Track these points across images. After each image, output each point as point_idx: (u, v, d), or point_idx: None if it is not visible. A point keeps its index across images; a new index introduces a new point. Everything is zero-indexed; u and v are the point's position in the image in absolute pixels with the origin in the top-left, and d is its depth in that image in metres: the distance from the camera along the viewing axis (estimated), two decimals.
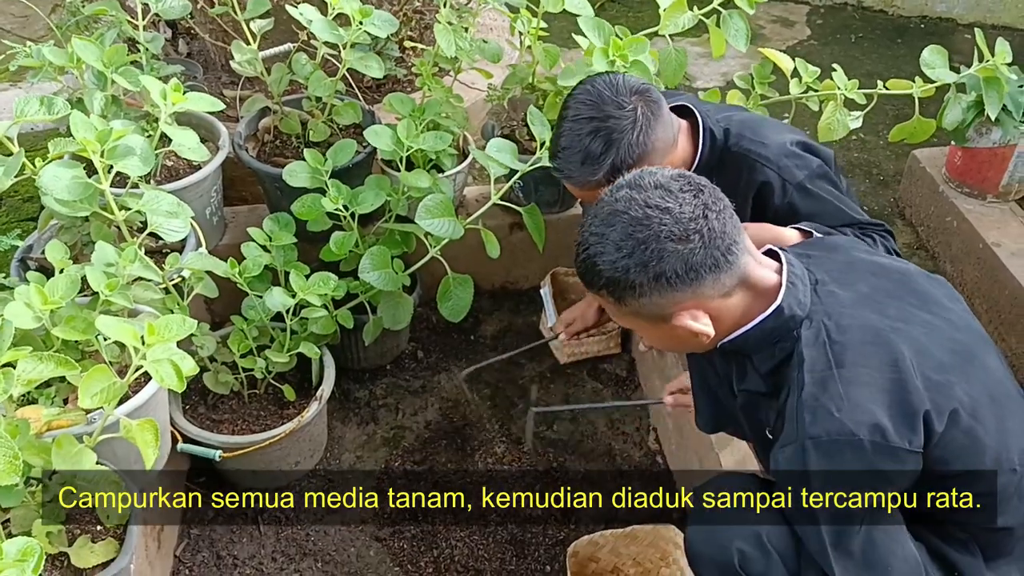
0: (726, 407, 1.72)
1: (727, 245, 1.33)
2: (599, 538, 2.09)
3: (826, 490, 1.29)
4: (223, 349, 2.19)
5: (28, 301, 1.63)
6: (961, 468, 1.34)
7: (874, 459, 1.26)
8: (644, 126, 1.75)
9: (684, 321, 1.36)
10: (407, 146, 2.26)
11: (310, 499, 2.28)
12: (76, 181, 1.78)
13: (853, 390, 1.29)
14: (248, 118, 2.57)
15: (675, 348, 1.51)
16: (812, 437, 1.28)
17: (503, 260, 2.41)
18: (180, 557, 2.14)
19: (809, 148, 1.95)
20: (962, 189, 2.86)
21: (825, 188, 1.91)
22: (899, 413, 1.28)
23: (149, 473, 1.87)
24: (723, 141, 1.92)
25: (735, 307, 1.39)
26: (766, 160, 1.89)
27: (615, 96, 1.77)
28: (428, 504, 2.26)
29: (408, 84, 3.10)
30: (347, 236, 2.28)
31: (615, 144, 1.75)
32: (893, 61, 4.15)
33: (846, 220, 1.90)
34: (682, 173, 1.39)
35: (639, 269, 1.32)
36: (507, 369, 2.66)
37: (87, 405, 1.44)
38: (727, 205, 1.37)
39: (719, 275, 1.34)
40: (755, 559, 1.45)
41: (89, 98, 2.08)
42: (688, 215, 1.31)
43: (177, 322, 1.53)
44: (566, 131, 1.80)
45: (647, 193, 1.34)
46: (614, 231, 1.33)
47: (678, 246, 1.31)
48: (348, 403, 2.54)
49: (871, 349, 1.33)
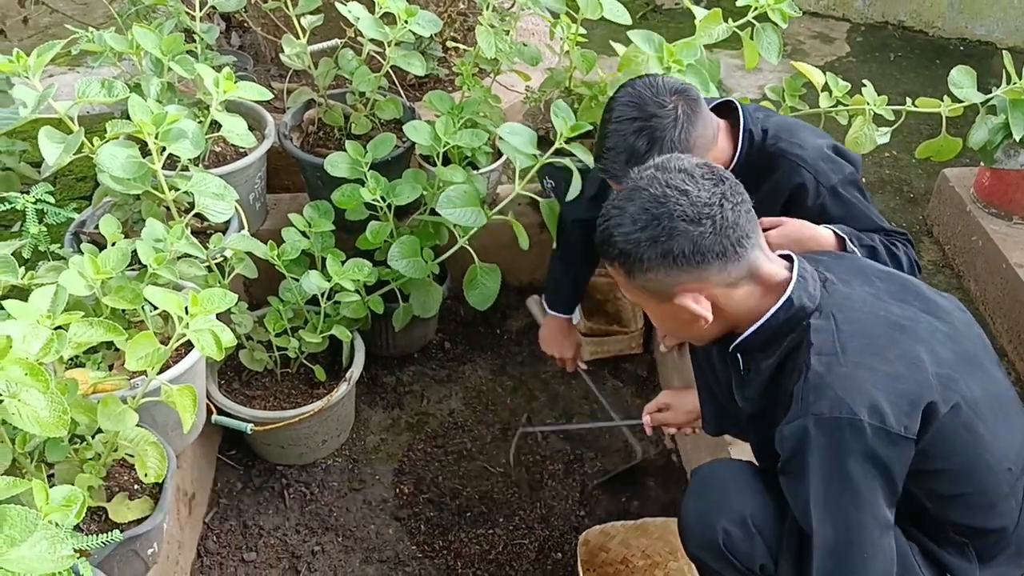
0: (728, 411, 1.78)
1: (738, 237, 1.39)
2: (610, 528, 2.16)
3: (823, 468, 1.33)
4: (259, 328, 2.30)
5: (82, 270, 1.73)
6: (960, 464, 1.38)
7: (872, 441, 1.30)
8: (685, 123, 1.81)
9: (685, 302, 1.42)
10: (444, 142, 2.34)
11: (335, 477, 2.38)
12: (131, 160, 1.89)
13: (857, 373, 1.34)
14: (294, 109, 2.67)
15: (675, 330, 1.56)
16: (815, 414, 1.33)
17: (531, 257, 2.49)
18: (209, 524, 2.24)
19: (841, 153, 2.01)
20: (989, 209, 2.89)
21: (855, 195, 1.97)
22: (900, 400, 1.32)
23: (185, 439, 1.97)
24: (761, 141, 1.97)
25: (741, 300, 1.44)
26: (803, 162, 1.94)
27: (655, 96, 1.82)
28: (446, 490, 2.34)
29: (449, 84, 3.18)
30: (383, 226, 2.37)
31: (658, 142, 1.80)
32: (929, 81, 4.17)
33: (872, 226, 1.95)
34: (708, 163, 1.45)
35: (649, 244, 1.39)
36: (531, 363, 2.73)
37: (133, 367, 1.53)
38: (746, 200, 1.42)
39: (726, 264, 1.40)
40: (739, 539, 1.52)
41: (146, 83, 2.19)
42: (704, 200, 1.38)
43: (219, 295, 1.62)
44: (611, 132, 1.86)
45: (670, 175, 1.41)
46: (633, 205, 1.41)
47: (689, 227, 1.37)
48: (376, 388, 2.63)
49: (877, 339, 1.38)
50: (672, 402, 2.11)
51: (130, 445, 1.66)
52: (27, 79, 1.88)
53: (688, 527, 1.62)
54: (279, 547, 2.21)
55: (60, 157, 1.85)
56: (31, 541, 1.19)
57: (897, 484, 1.35)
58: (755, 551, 1.51)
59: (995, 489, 1.42)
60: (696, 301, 1.42)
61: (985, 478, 1.41)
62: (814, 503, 1.36)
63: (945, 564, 1.48)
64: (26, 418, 1.36)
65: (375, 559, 2.19)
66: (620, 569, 2.16)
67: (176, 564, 2.04)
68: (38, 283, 1.79)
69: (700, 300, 1.42)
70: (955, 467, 1.39)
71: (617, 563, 2.16)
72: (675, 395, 2.11)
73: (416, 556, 2.20)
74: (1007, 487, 1.43)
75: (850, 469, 1.32)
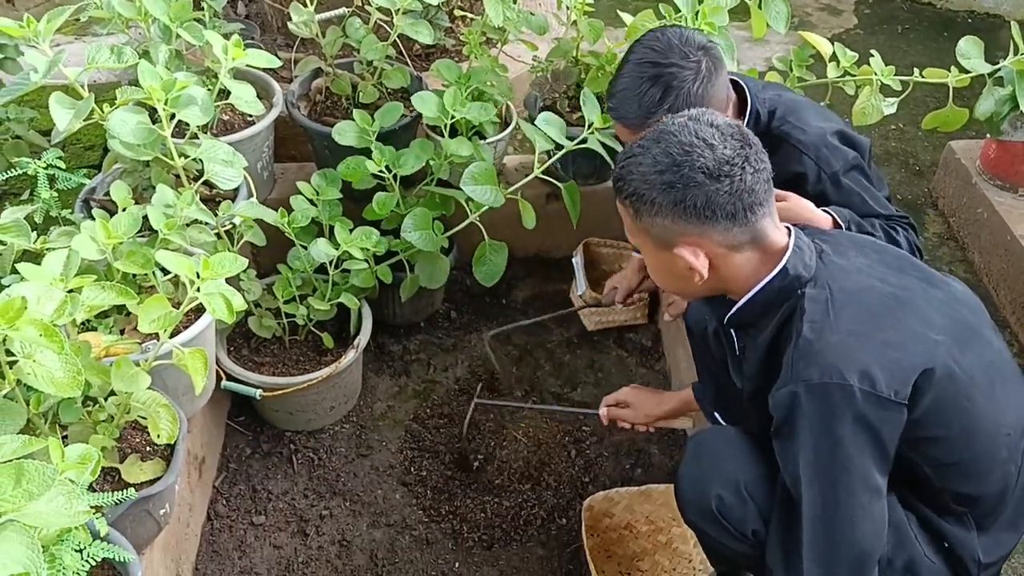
0: (730, 393, 1.79)
1: (751, 202, 1.40)
2: (615, 495, 2.18)
3: (813, 432, 1.34)
4: (268, 296, 2.32)
5: (93, 235, 1.75)
6: (958, 431, 1.40)
7: (862, 406, 1.31)
8: (705, 79, 1.80)
9: (684, 253, 1.42)
10: (451, 114, 2.35)
11: (342, 443, 2.41)
12: (141, 126, 1.90)
13: (849, 341, 1.35)
14: (301, 78, 2.67)
15: (668, 281, 1.55)
16: (804, 380, 1.33)
17: (538, 229, 2.50)
18: (218, 488, 2.27)
19: (847, 139, 1.99)
20: (994, 181, 2.89)
21: (857, 180, 1.96)
22: (891, 366, 1.33)
23: (195, 403, 2.00)
24: (767, 122, 1.96)
25: (740, 265, 1.45)
26: (805, 147, 1.93)
27: (683, 46, 1.81)
28: (452, 456, 2.37)
29: (456, 54, 3.18)
30: (389, 196, 2.38)
31: (673, 92, 1.79)
32: (937, 54, 4.15)
33: (873, 212, 1.94)
34: (739, 125, 1.45)
35: (663, 189, 1.39)
36: (536, 332, 2.75)
37: (145, 330, 1.55)
38: (767, 168, 1.43)
39: (732, 226, 1.40)
40: (732, 505, 1.53)
41: (154, 50, 2.19)
42: (727, 158, 1.38)
43: (229, 259, 1.64)
44: (627, 73, 1.84)
45: (701, 126, 1.41)
46: (658, 147, 1.41)
47: (707, 181, 1.38)
48: (383, 356, 2.66)
49: (872, 308, 1.39)
50: (634, 401, 2.11)
51: (142, 407, 1.68)
52: (37, 45, 1.89)
53: (683, 493, 1.63)
54: (287, 511, 2.24)
55: (71, 122, 1.86)
56: (48, 496, 1.21)
57: (888, 450, 1.36)
58: (747, 516, 1.53)
59: (993, 454, 1.44)
60: (695, 255, 1.43)
61: (983, 444, 1.42)
62: (803, 468, 1.37)
63: (944, 533, 1.49)
64: (41, 378, 1.39)
65: (382, 523, 2.23)
66: (624, 534, 2.19)
67: (187, 526, 2.07)
68: (51, 247, 1.81)
69: (699, 255, 1.43)
70: (953, 434, 1.40)
71: (621, 528, 2.19)
72: (639, 394, 2.12)
73: (423, 520, 2.23)
74: (1006, 451, 1.44)
75: (840, 434, 1.32)
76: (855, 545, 1.35)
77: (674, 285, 1.57)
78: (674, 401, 2.05)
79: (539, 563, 2.16)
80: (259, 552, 2.16)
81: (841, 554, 1.36)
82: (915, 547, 1.47)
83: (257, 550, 2.16)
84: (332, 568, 2.13)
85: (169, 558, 1.93)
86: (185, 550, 2.05)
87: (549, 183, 2.39)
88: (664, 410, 2.05)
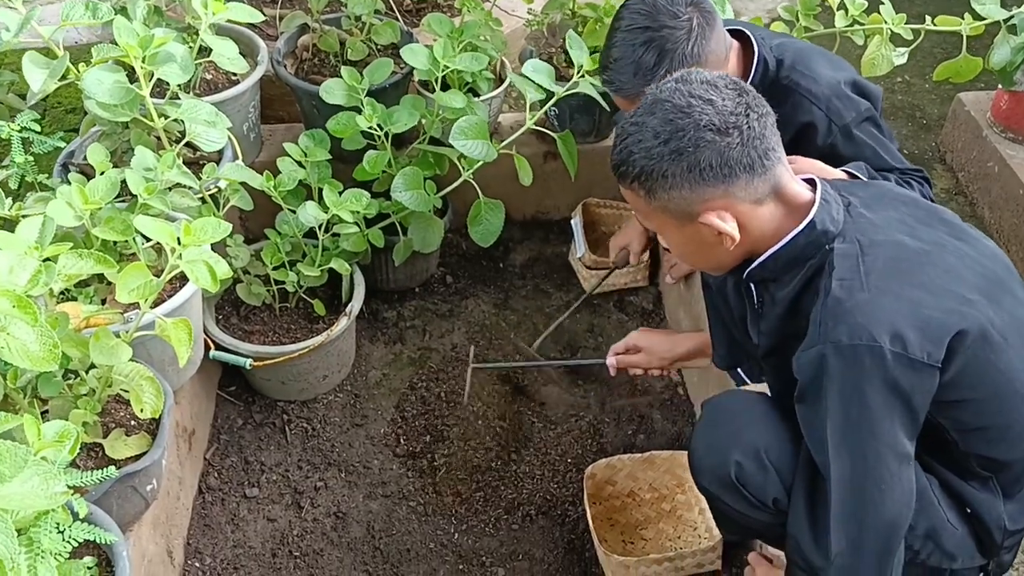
0: (741, 344, 1.73)
1: (764, 149, 1.33)
2: (616, 462, 2.13)
3: (841, 396, 1.28)
4: (256, 262, 2.24)
5: (69, 200, 1.67)
6: (988, 393, 1.34)
7: (893, 369, 1.25)
8: (699, 36, 1.72)
9: (711, 219, 1.35)
10: (443, 66, 2.25)
11: (336, 412, 2.34)
12: (118, 85, 1.82)
13: (880, 299, 1.28)
14: (287, 35, 2.58)
15: (696, 256, 1.49)
16: (833, 341, 1.28)
17: (535, 190, 2.42)
18: (210, 460, 2.21)
19: (860, 88, 1.91)
20: (1006, 134, 2.81)
21: (870, 132, 1.89)
22: (924, 326, 1.27)
23: (182, 374, 1.93)
24: (775, 71, 1.88)
25: (766, 219, 1.38)
26: (815, 98, 1.85)
27: (670, 5, 1.73)
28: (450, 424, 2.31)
29: (448, 8, 3.08)
30: (380, 155, 2.29)
31: (668, 55, 1.72)
32: (946, 5, 4.03)
33: (886, 166, 1.88)
34: (729, 76, 1.39)
35: (673, 158, 1.32)
36: (534, 296, 2.68)
37: (124, 300, 1.48)
38: (769, 112, 1.37)
39: (753, 177, 1.34)
40: (752, 473, 1.47)
41: (132, 6, 2.09)
42: (730, 109, 1.32)
43: (212, 224, 1.56)
44: (619, 41, 1.77)
45: (692, 86, 1.35)
46: (654, 118, 1.34)
47: (716, 137, 1.31)
48: (377, 323, 2.59)
49: (903, 264, 1.33)
50: (646, 345, 2.04)
51: (125, 380, 1.62)
52: (9, 3, 1.80)
53: (699, 459, 1.58)
54: (281, 483, 2.18)
55: (45, 83, 1.79)
56: (22, 477, 1.16)
57: (919, 414, 1.30)
58: (768, 484, 1.47)
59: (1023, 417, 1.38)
60: (723, 219, 1.36)
61: (1014, 406, 1.36)
62: (831, 433, 1.31)
63: (967, 498, 1.44)
64: (15, 352, 1.32)
65: (379, 494, 2.17)
66: (627, 502, 2.14)
67: (178, 500, 2.01)
68: (25, 214, 1.73)
69: (726, 217, 1.36)
70: (983, 396, 1.34)
71: (624, 496, 2.14)
72: (650, 336, 2.04)
73: (420, 491, 2.18)
74: None
75: (869, 398, 1.27)
76: (884, 513, 1.31)
77: (705, 259, 1.50)
78: (690, 342, 1.99)
79: (540, 533, 2.11)
80: (253, 525, 2.10)
81: (869, 522, 1.31)
82: (937, 512, 1.42)
83: (251, 523, 2.10)
84: (328, 540, 2.08)
85: (159, 533, 1.87)
86: (176, 525, 1.99)
87: (546, 141, 2.31)
88: (680, 351, 2.00)
